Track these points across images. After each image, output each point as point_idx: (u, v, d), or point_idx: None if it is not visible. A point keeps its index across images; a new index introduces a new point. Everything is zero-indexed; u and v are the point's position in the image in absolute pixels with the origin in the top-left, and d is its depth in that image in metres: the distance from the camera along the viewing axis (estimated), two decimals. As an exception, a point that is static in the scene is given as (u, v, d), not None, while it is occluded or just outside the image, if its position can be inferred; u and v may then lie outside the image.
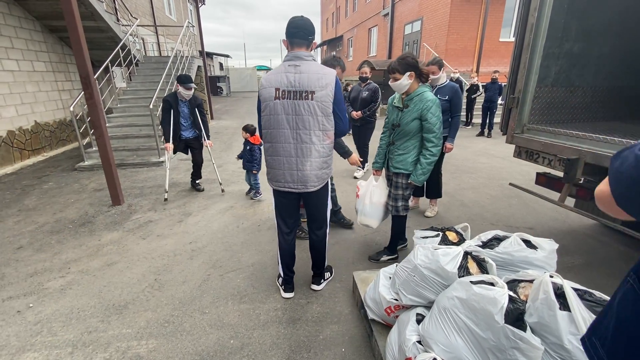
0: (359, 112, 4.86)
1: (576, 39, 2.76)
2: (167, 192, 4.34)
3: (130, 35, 8.19)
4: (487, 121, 8.57)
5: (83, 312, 2.27)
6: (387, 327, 1.86)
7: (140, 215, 3.84)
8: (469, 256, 1.54)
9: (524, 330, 1.15)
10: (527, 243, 1.60)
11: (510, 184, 3.06)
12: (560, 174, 2.78)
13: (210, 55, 22.27)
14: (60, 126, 7.39)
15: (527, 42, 2.71)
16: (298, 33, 1.91)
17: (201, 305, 2.32)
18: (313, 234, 2.33)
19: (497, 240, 1.70)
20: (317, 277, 2.49)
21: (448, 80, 3.45)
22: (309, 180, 2.04)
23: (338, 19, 28.29)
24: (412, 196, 3.85)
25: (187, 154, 4.45)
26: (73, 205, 4.18)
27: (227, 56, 26.70)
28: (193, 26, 10.75)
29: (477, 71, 12.50)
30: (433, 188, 3.71)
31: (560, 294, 1.23)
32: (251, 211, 3.94)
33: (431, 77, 3.27)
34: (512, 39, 14.07)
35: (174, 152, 4.30)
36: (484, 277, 1.34)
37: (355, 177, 5.20)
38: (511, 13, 13.79)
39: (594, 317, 1.18)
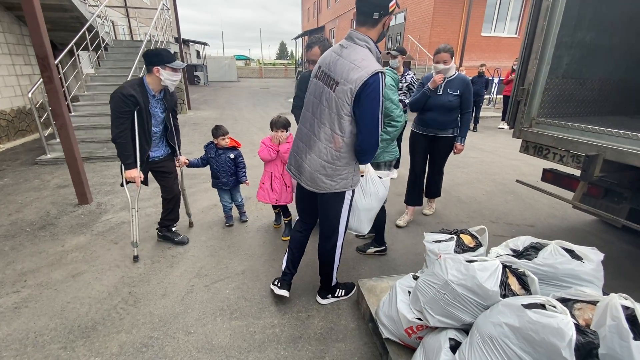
0: None
1: (589, 28, 2.60)
2: (137, 245, 2.66)
3: (98, 16, 7.49)
4: (474, 115, 8.55)
5: (41, 336, 1.90)
6: (405, 347, 1.64)
7: (112, 216, 3.43)
8: (508, 270, 1.33)
9: (599, 368, 0.94)
10: (571, 253, 1.40)
11: (517, 180, 2.89)
12: (569, 170, 2.65)
13: (186, 42, 21.22)
14: (19, 115, 6.67)
15: (540, 29, 2.51)
16: (361, 7, 1.59)
17: (185, 324, 2.01)
18: (320, 242, 2.03)
19: (534, 249, 1.50)
20: (322, 290, 2.21)
21: (457, 72, 3.00)
22: (303, 173, 1.81)
23: (320, 8, 27.74)
24: (406, 206, 3.48)
25: (146, 184, 2.66)
26: (32, 204, 3.69)
27: (205, 44, 25.51)
28: (168, 9, 10.04)
29: (460, 65, 12.52)
30: (433, 187, 3.46)
31: (630, 320, 1.03)
32: (237, 210, 3.61)
33: (442, 66, 2.85)
34: (494, 34, 14.23)
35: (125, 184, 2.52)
36: (537, 298, 1.12)
37: None
38: (492, 8, 13.90)
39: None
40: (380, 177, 2.19)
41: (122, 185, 2.53)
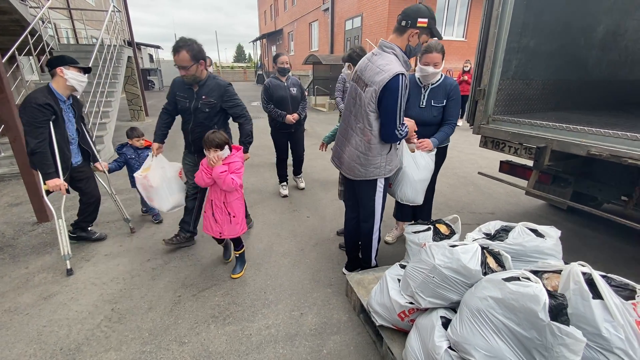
0: (295, 114, 3.80)
1: (532, 35, 2.94)
2: (69, 258, 2.55)
3: (41, 19, 6.92)
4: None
5: (19, 364, 1.78)
6: (398, 331, 1.76)
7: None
8: (485, 251, 1.50)
9: (568, 324, 1.12)
10: (535, 232, 1.61)
11: (479, 172, 3.18)
12: (523, 161, 2.98)
13: (138, 46, 20.13)
14: (-50, 128, 5.96)
15: (491, 36, 2.80)
16: (398, 16, 1.88)
17: (178, 334, 1.98)
18: (360, 225, 2.28)
19: (504, 231, 1.69)
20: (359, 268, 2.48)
21: (444, 76, 2.50)
22: (344, 163, 2.12)
23: (277, 11, 27.69)
24: (396, 221, 3.19)
25: (69, 192, 2.61)
26: (-19, 226, 3.36)
27: (158, 47, 24.35)
28: (119, 11, 9.50)
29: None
30: (424, 210, 2.91)
31: (588, 283, 1.23)
32: (214, 217, 3.56)
33: (432, 70, 2.32)
34: (444, 38, 15.11)
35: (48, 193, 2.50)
36: (513, 272, 1.30)
37: (284, 196, 4.15)
38: (441, 13, 14.83)
39: (624, 302, 1.21)
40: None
41: (44, 196, 2.54)
